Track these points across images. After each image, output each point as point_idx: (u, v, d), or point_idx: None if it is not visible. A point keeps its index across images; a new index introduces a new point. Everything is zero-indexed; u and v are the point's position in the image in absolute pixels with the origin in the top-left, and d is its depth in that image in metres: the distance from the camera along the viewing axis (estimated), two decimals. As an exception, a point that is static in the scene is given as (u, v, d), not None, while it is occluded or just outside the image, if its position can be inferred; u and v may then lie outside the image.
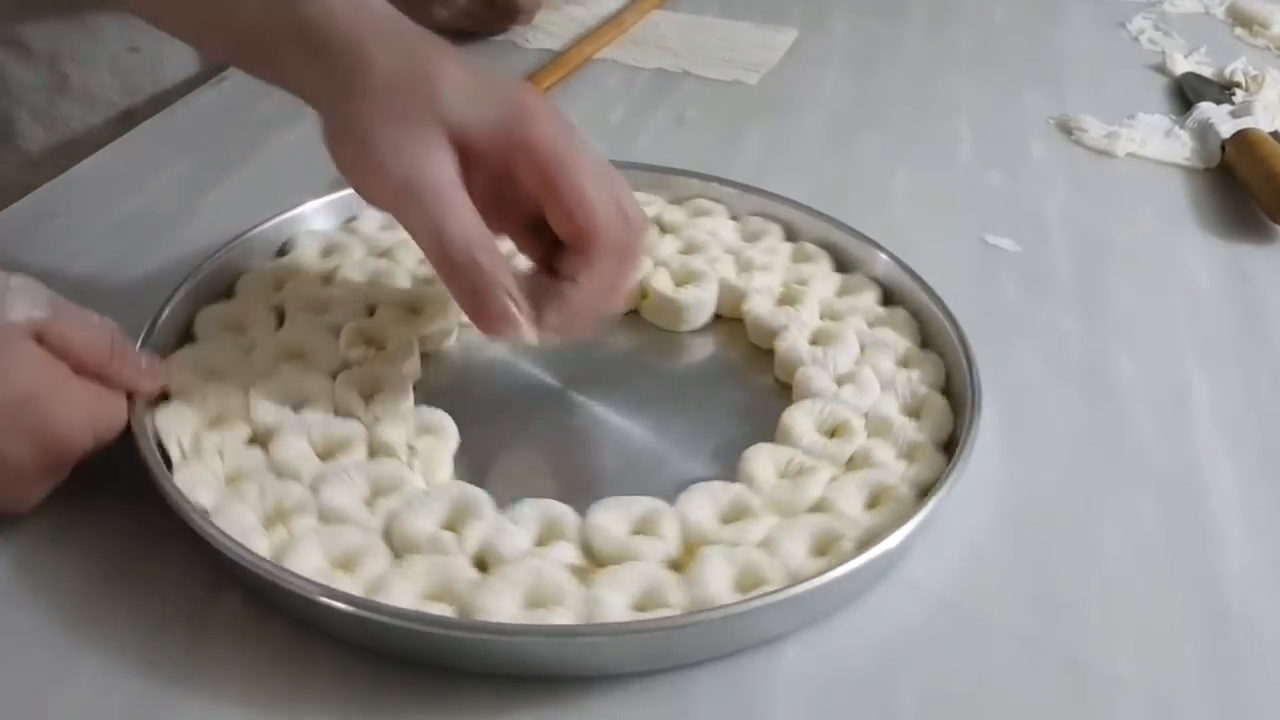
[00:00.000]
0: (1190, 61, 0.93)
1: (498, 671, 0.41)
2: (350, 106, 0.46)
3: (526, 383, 0.55)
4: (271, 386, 0.50)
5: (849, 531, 0.45)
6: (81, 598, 0.43)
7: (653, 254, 0.61)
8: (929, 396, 0.52)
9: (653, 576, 0.43)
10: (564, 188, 0.46)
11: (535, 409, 0.54)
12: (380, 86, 0.46)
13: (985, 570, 0.47)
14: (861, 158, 0.78)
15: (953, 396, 0.52)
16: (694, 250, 0.62)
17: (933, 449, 0.49)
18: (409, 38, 0.48)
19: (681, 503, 0.46)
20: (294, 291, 0.57)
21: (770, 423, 0.51)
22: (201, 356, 0.52)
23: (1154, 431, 0.54)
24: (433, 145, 0.45)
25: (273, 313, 0.56)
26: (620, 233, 0.47)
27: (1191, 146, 0.80)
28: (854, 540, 0.44)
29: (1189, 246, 0.70)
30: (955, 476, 0.46)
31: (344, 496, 0.46)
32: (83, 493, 0.47)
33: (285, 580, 0.41)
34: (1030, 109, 0.85)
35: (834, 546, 0.44)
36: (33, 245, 0.63)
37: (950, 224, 0.70)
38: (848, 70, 0.90)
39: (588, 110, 0.82)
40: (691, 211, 0.65)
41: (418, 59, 0.46)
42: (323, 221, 0.62)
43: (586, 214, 0.46)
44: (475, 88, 0.46)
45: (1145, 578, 0.47)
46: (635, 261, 0.49)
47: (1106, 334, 0.61)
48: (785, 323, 0.56)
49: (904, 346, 0.55)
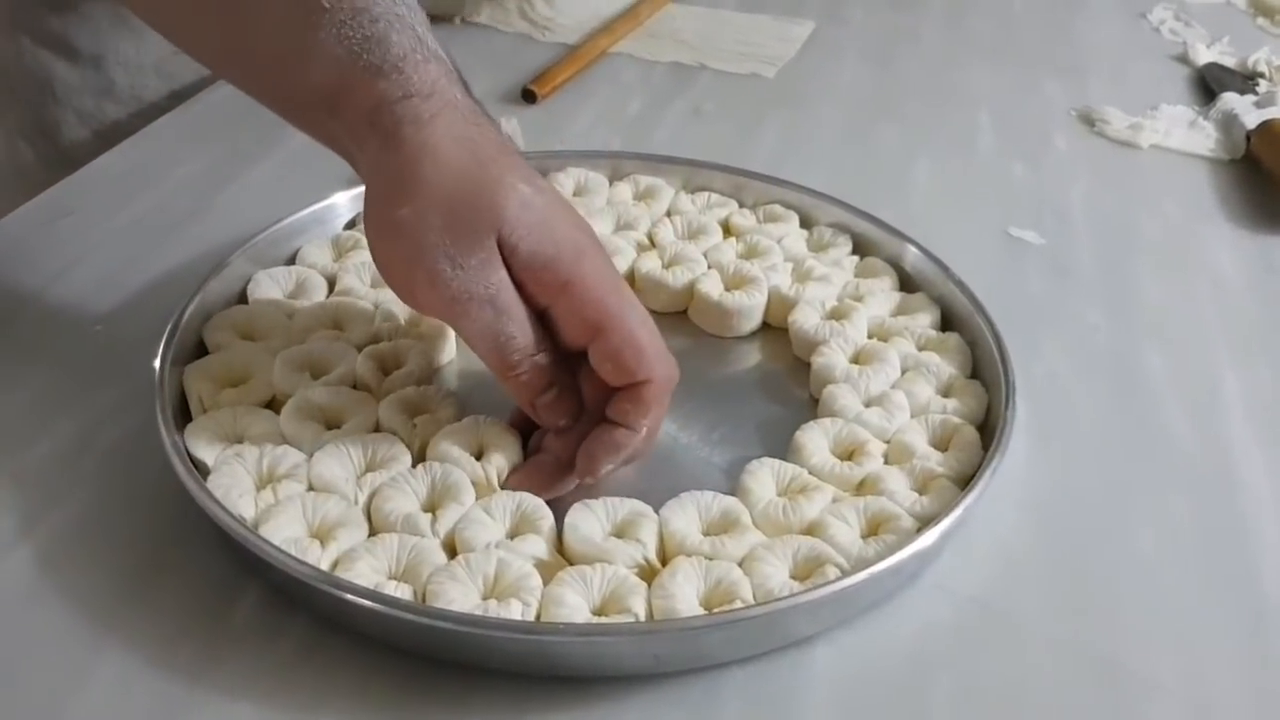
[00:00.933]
0: (1213, 52, 0.92)
1: (523, 670, 0.41)
2: (407, 204, 0.43)
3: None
4: (299, 352, 0.51)
5: (835, 558, 0.43)
6: (103, 595, 0.43)
7: (710, 257, 0.60)
8: (961, 429, 0.49)
9: (619, 580, 0.42)
10: (618, 334, 0.45)
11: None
12: (444, 190, 0.43)
13: (1016, 570, 0.46)
14: (881, 150, 0.77)
15: (988, 429, 0.50)
16: (754, 255, 0.60)
17: (949, 484, 0.47)
18: (484, 143, 0.45)
19: (667, 510, 0.45)
20: (346, 265, 0.58)
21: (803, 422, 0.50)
22: (241, 317, 0.54)
23: (1185, 427, 0.54)
24: (492, 261, 0.44)
25: (326, 282, 0.57)
26: (671, 381, 0.47)
27: (1216, 138, 0.79)
28: (839, 568, 0.43)
29: (1216, 238, 0.69)
30: (988, 478, 0.45)
31: (338, 468, 0.46)
32: (105, 490, 0.47)
33: (302, 573, 0.41)
34: (1051, 100, 0.84)
35: (818, 572, 0.43)
36: (49, 241, 0.63)
37: (973, 216, 0.69)
38: (865, 61, 0.89)
39: (604, 104, 0.81)
40: (763, 217, 0.64)
41: (489, 168, 0.44)
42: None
43: (644, 363, 0.45)
44: (541, 215, 0.44)
45: (1180, 576, 0.46)
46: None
47: (1134, 328, 0.60)
48: (826, 337, 0.54)
49: (949, 373, 0.53)
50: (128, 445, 0.49)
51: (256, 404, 0.49)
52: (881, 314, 0.57)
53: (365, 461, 0.47)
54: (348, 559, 0.42)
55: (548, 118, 0.78)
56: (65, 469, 0.48)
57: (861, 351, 0.54)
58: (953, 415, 0.50)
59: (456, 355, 0.55)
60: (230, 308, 0.55)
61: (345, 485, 0.45)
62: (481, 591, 0.42)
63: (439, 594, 0.41)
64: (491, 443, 0.48)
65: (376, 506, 0.45)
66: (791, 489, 0.47)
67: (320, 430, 0.48)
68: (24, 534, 0.45)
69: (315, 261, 0.58)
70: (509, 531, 0.45)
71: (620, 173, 0.66)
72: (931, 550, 0.44)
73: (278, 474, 0.46)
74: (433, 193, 0.43)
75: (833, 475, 0.48)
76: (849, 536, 0.44)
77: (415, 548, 0.43)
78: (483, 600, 0.41)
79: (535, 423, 0.48)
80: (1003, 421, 0.48)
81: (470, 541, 0.43)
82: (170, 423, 0.46)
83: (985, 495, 0.45)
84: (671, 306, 0.59)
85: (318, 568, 0.41)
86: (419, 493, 0.45)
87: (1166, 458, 0.52)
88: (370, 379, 0.51)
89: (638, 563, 0.43)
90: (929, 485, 0.47)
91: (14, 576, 0.44)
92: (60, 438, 0.50)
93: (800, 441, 0.49)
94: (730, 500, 0.46)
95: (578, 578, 0.42)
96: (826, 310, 0.56)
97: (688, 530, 0.45)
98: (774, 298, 0.58)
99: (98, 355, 0.54)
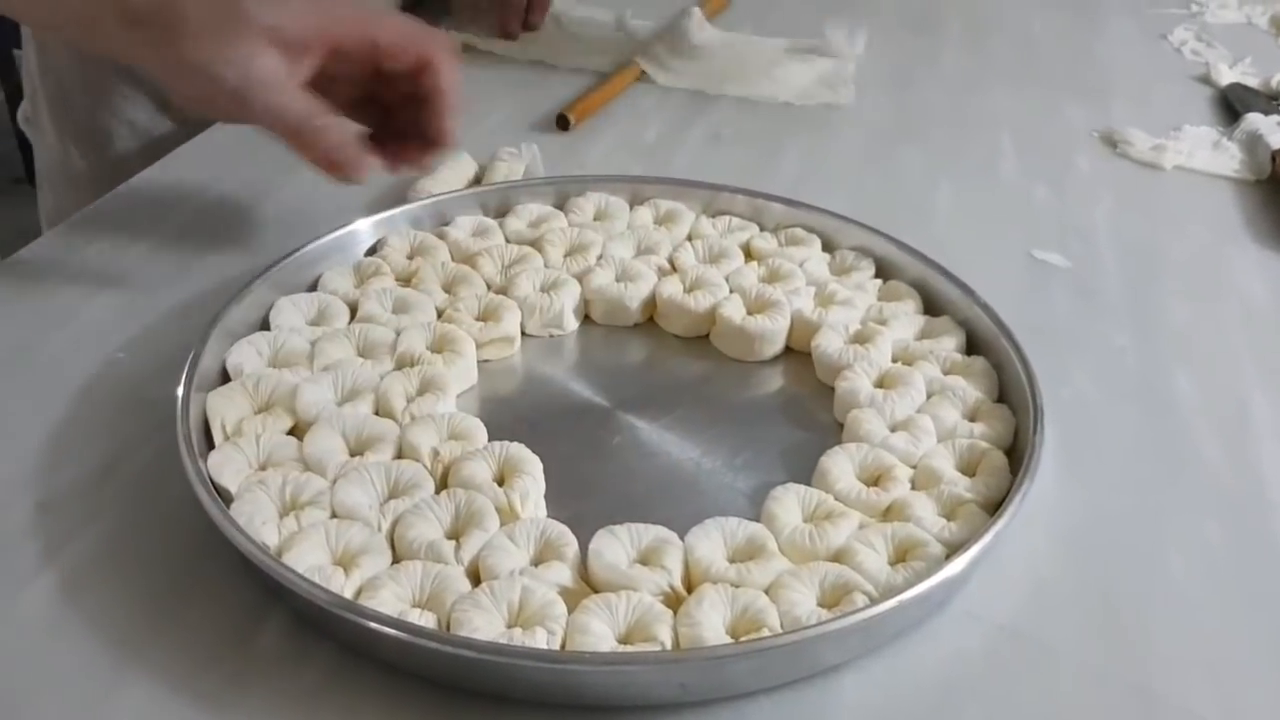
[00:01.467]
0: (1235, 72, 0.92)
1: (547, 700, 0.40)
2: (178, 51, 0.52)
3: (576, 400, 0.55)
4: (323, 379, 0.51)
5: (863, 585, 0.43)
6: (126, 622, 0.43)
7: (732, 281, 0.60)
8: (989, 454, 0.49)
9: (645, 608, 0.42)
10: (386, 41, 0.55)
11: (579, 426, 0.53)
12: (196, 22, 0.52)
13: (1045, 595, 0.45)
14: (903, 173, 0.77)
15: (1016, 453, 0.50)
16: (777, 279, 0.60)
17: (977, 509, 0.46)
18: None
19: (692, 536, 0.45)
20: (368, 291, 0.58)
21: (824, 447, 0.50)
22: (264, 344, 0.54)
23: (1215, 449, 0.53)
24: (255, 50, 0.52)
25: (348, 309, 0.57)
26: (445, 41, 0.57)
27: (1240, 158, 0.78)
28: (868, 596, 0.42)
29: (1242, 259, 0.68)
30: (1017, 503, 0.45)
31: (358, 494, 0.46)
32: (128, 516, 0.47)
33: (326, 601, 0.40)
34: (1073, 122, 0.84)
35: (845, 599, 0.42)
36: (71, 269, 0.63)
37: (996, 239, 0.69)
38: (886, 85, 0.89)
39: (624, 130, 0.81)
40: (785, 240, 0.63)
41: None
42: (412, 223, 0.63)
43: (419, 45, 0.56)
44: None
45: (1213, 602, 0.45)
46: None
47: (1162, 350, 0.60)
48: (850, 361, 0.54)
49: (975, 398, 0.52)
50: (150, 472, 0.49)
51: (279, 431, 0.49)
52: (906, 337, 0.56)
53: (388, 488, 0.47)
54: (371, 586, 0.42)
55: (568, 144, 0.78)
56: (88, 496, 0.48)
57: (886, 376, 0.53)
58: (980, 440, 0.50)
59: (478, 382, 0.55)
60: (253, 334, 0.55)
61: (368, 512, 0.45)
62: (506, 620, 0.41)
63: (463, 622, 0.40)
64: (515, 469, 0.47)
65: (400, 534, 0.44)
66: (817, 515, 0.47)
67: (344, 457, 0.48)
68: (48, 561, 0.45)
69: (337, 288, 0.58)
70: (533, 559, 0.44)
71: (641, 197, 0.66)
72: (960, 577, 0.43)
73: (300, 501, 0.45)
74: (190, 31, 0.52)
75: (859, 501, 0.47)
76: (877, 563, 0.44)
77: (439, 575, 0.43)
78: (507, 629, 0.41)
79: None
80: (1031, 446, 0.47)
81: (494, 569, 0.43)
82: (193, 450, 0.46)
83: (1014, 520, 0.45)
84: (694, 331, 0.59)
85: (341, 596, 0.41)
86: (442, 520, 0.45)
87: (1196, 481, 0.51)
88: (393, 405, 0.51)
89: (663, 590, 0.43)
90: (957, 511, 0.46)
91: (38, 604, 0.43)
92: (83, 464, 0.50)
93: (825, 467, 0.49)
94: (755, 526, 0.46)
95: (603, 606, 0.41)
96: (850, 334, 0.56)
97: (713, 557, 0.44)
98: (797, 321, 0.57)
99: (120, 382, 0.55)
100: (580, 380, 0.56)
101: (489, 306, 0.57)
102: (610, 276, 0.60)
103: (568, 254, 0.62)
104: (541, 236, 0.62)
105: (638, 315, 0.59)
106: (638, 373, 0.57)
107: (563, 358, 0.58)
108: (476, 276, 0.59)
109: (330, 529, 0.44)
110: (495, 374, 0.56)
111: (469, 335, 0.55)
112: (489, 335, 0.56)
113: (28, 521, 0.47)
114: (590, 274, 0.59)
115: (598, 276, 0.59)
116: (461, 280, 0.59)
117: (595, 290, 0.59)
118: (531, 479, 0.47)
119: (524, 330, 0.58)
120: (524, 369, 0.57)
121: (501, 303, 0.57)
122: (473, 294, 0.58)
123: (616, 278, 0.60)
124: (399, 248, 0.61)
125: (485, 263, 0.60)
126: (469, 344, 0.55)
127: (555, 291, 0.59)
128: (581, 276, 0.60)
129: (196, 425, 0.49)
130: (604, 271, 0.60)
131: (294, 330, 0.55)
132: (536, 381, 0.56)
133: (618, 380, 0.56)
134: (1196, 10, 1.06)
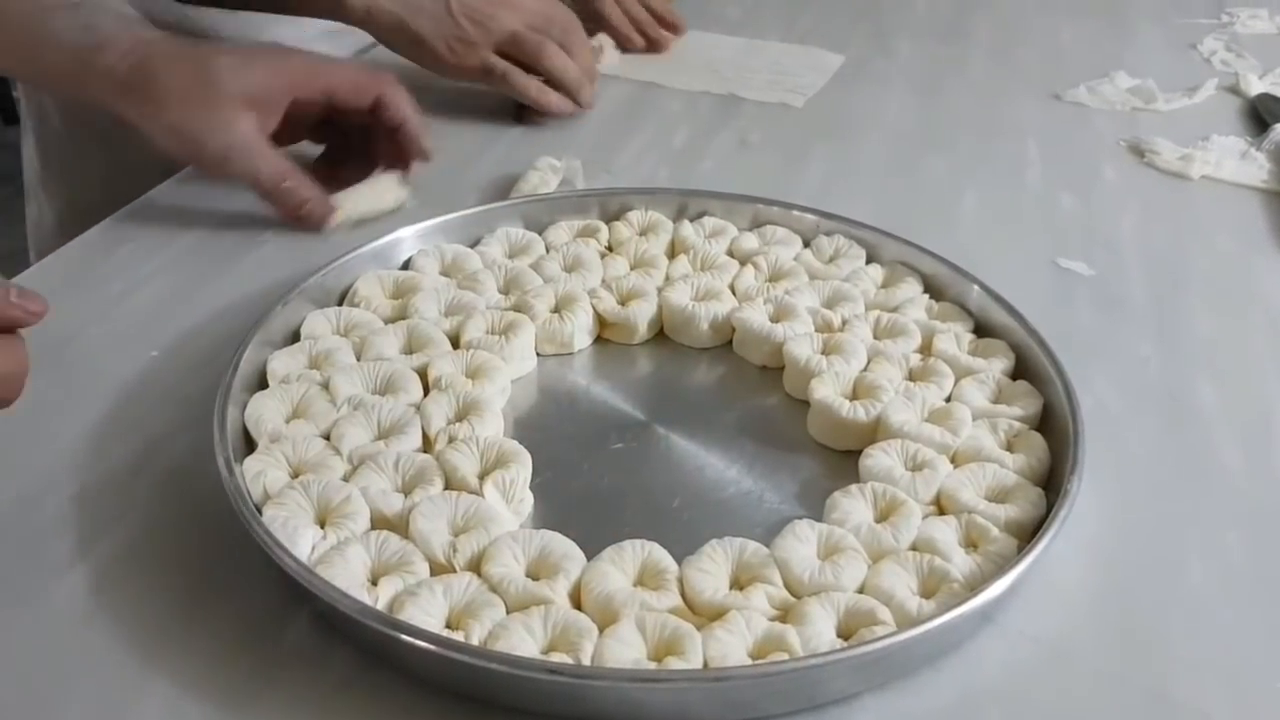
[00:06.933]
0: (1265, 83, 0.91)
1: (568, 715, 0.41)
2: (162, 118, 0.61)
3: (611, 413, 0.55)
4: (358, 417, 0.50)
5: (952, 573, 0.43)
6: (155, 618, 0.44)
7: (741, 287, 0.60)
8: (1020, 485, 0.48)
9: (761, 627, 0.42)
10: (340, 88, 0.66)
11: (620, 441, 0.53)
12: (177, 92, 0.61)
13: (1065, 604, 0.46)
14: (928, 180, 0.77)
15: (1046, 433, 0.51)
16: (779, 278, 0.61)
17: (1028, 487, 0.48)
18: (183, 46, 0.63)
19: (777, 549, 0.45)
20: (408, 306, 0.58)
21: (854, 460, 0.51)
22: (304, 352, 0.54)
23: (1239, 460, 0.53)
24: (233, 116, 0.62)
25: (380, 320, 0.57)
26: (391, 79, 0.67)
27: (1269, 168, 0.78)
28: (960, 582, 0.43)
29: (1268, 270, 0.68)
30: (1056, 528, 0.45)
31: (425, 524, 0.45)
32: (159, 514, 0.48)
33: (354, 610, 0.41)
34: (1100, 131, 0.84)
35: (866, 629, 0.42)
36: (107, 268, 0.64)
37: (1022, 247, 0.69)
38: (911, 92, 0.89)
39: (650, 135, 0.81)
40: (766, 239, 0.64)
41: (195, 58, 0.62)
42: (447, 238, 0.63)
43: (371, 88, 0.66)
44: (245, 61, 0.63)
45: (1234, 611, 0.45)
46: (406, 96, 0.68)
47: (1186, 359, 0.59)
48: (902, 418, 0.52)
49: (997, 377, 0.54)
50: (182, 470, 0.50)
51: (317, 436, 0.50)
52: (921, 318, 0.58)
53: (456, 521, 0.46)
54: (401, 599, 0.42)
55: (596, 151, 0.78)
56: (121, 492, 0.49)
57: (934, 413, 0.53)
58: (1013, 470, 0.49)
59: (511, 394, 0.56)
60: (296, 343, 0.55)
61: (438, 546, 0.45)
62: (542, 645, 0.41)
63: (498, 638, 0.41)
64: (551, 563, 0.45)
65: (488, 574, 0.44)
66: (882, 511, 0.47)
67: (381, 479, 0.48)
68: (81, 555, 0.46)
69: (369, 297, 0.59)
70: (635, 581, 0.45)
71: (685, 209, 0.66)
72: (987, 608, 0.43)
73: (333, 507, 0.46)
74: (172, 97, 0.61)
75: (912, 491, 0.48)
76: (956, 552, 0.45)
77: (470, 588, 0.43)
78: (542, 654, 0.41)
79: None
80: (1066, 487, 0.46)
81: (515, 650, 0.42)
82: (229, 453, 0.47)
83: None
84: (771, 361, 0.58)
85: (374, 607, 0.41)
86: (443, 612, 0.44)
87: (1220, 491, 0.51)
88: (432, 436, 0.51)
89: (772, 609, 0.43)
90: (983, 540, 0.46)
91: (71, 597, 0.44)
92: (116, 461, 0.51)
93: (869, 465, 0.49)
94: (829, 528, 0.46)
95: (630, 626, 0.42)
96: (908, 368, 0.55)
97: (805, 565, 0.44)
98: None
99: (153, 381, 0.55)
100: (609, 392, 0.56)
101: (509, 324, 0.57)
102: (687, 295, 0.60)
103: (634, 267, 0.62)
104: (612, 250, 0.64)
105: (708, 338, 0.59)
106: (666, 384, 0.58)
107: (577, 373, 0.58)
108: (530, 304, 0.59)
109: (368, 540, 0.44)
110: (520, 390, 0.56)
111: (499, 357, 0.55)
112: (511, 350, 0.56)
113: (62, 516, 0.48)
114: (671, 288, 0.60)
115: (677, 293, 0.59)
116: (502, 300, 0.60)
117: (674, 308, 0.59)
118: (568, 571, 0.45)
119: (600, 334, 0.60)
120: (548, 385, 0.57)
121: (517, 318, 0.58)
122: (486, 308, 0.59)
123: (693, 296, 0.60)
124: (432, 266, 0.61)
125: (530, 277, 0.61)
126: (500, 364, 0.55)
127: (635, 302, 0.59)
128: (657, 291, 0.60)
129: (234, 429, 0.49)
130: (683, 288, 0.60)
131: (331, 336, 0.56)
132: (562, 396, 0.57)
133: (654, 393, 0.57)
134: (1227, 20, 1.05)
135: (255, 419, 0.50)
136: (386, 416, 0.51)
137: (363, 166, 0.69)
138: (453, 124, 0.81)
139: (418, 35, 0.78)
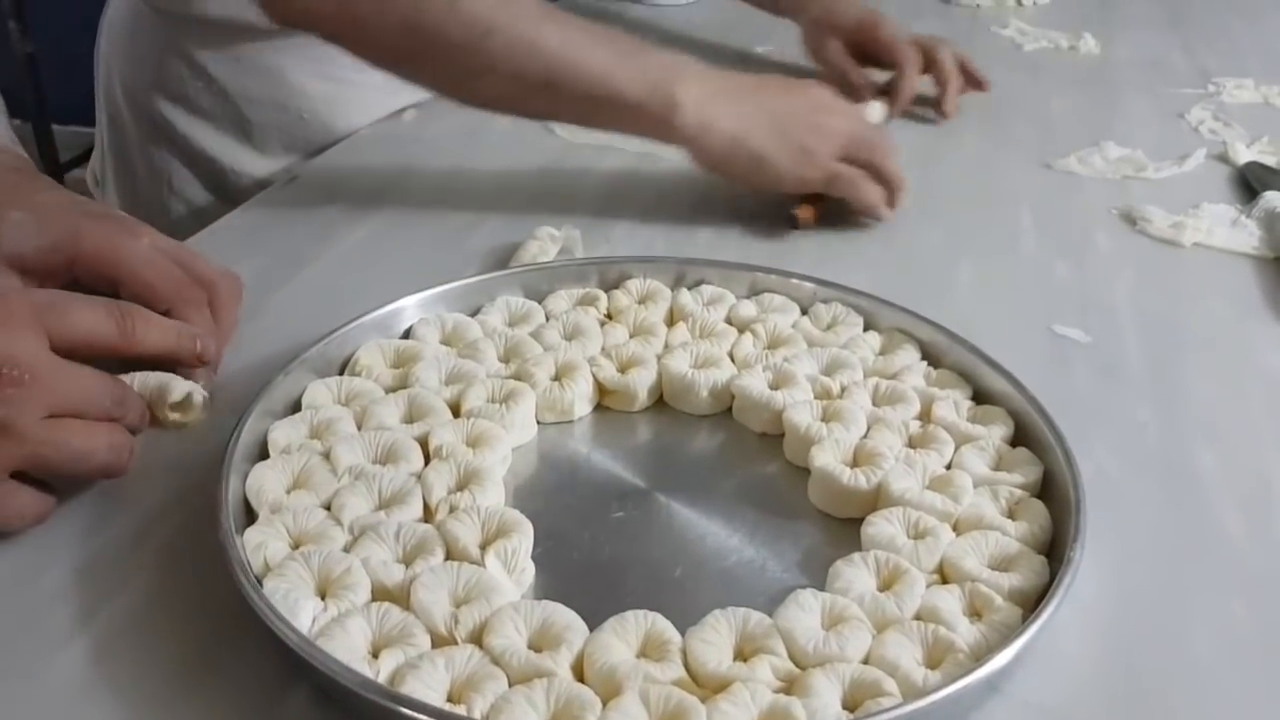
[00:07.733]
0: (1253, 151, 0.93)
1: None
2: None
3: (612, 481, 0.55)
4: (359, 487, 0.50)
5: (957, 642, 0.43)
6: (156, 690, 0.43)
7: (740, 354, 0.61)
8: (1023, 553, 0.48)
9: (766, 699, 0.41)
10: (130, 281, 0.57)
11: (621, 510, 0.53)
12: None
13: (1068, 672, 0.45)
14: (923, 249, 0.78)
15: (1047, 500, 0.51)
16: (778, 345, 0.61)
17: (1031, 555, 0.48)
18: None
19: (780, 619, 0.45)
20: (409, 374, 0.58)
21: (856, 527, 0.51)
22: (306, 421, 0.54)
23: (1240, 527, 0.53)
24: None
25: (381, 390, 0.57)
26: (189, 288, 0.58)
27: (1259, 235, 0.79)
28: (966, 652, 0.43)
29: (1263, 336, 0.68)
30: (1060, 596, 0.44)
31: (427, 598, 0.45)
32: (161, 584, 0.48)
33: (355, 684, 0.41)
34: (1092, 199, 0.85)
35: (871, 701, 0.41)
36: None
37: (1017, 314, 0.69)
38: (905, 162, 0.90)
39: (648, 204, 0.82)
40: (764, 307, 0.65)
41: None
42: (447, 307, 0.64)
43: (155, 296, 0.57)
44: (32, 223, 0.56)
45: (1238, 679, 0.45)
46: (232, 303, 0.61)
47: (1184, 425, 0.60)
48: (902, 484, 0.52)
49: (997, 444, 0.54)
50: (183, 541, 0.50)
51: (318, 507, 0.50)
52: (919, 385, 0.58)
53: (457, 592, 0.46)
54: (402, 671, 0.42)
55: (592, 222, 0.79)
56: (122, 564, 0.49)
57: (935, 480, 0.53)
58: (1015, 538, 0.49)
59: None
60: (298, 413, 0.55)
61: (439, 617, 0.45)
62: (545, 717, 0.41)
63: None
64: (553, 634, 0.44)
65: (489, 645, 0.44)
66: (886, 579, 0.47)
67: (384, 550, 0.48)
68: (82, 627, 0.46)
69: (370, 366, 0.59)
70: (638, 652, 0.44)
71: (683, 278, 0.67)
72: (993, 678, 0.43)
73: (334, 578, 0.46)
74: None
75: (915, 560, 0.48)
76: (960, 621, 0.45)
77: (472, 660, 0.43)
78: None
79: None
80: (1069, 555, 0.46)
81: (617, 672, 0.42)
82: (230, 524, 0.47)
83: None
84: (771, 428, 0.58)
85: (375, 680, 0.41)
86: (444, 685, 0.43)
87: (1221, 558, 0.51)
88: (433, 505, 0.50)
89: (776, 681, 0.43)
90: (987, 610, 0.46)
91: (70, 669, 0.44)
92: (117, 532, 0.51)
93: (870, 533, 0.49)
94: (833, 598, 0.46)
95: (634, 699, 0.41)
96: (908, 435, 0.56)
97: (809, 635, 0.44)
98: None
99: (154, 449, 0.55)
100: (610, 460, 0.56)
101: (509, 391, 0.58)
102: (686, 363, 0.60)
103: (633, 335, 0.63)
104: (610, 317, 0.64)
105: (708, 405, 0.60)
106: (666, 451, 0.58)
107: (578, 441, 0.58)
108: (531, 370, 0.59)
109: (369, 611, 0.44)
110: (521, 458, 0.56)
111: (500, 425, 0.55)
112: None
113: (64, 586, 0.48)
114: (670, 355, 0.60)
115: (677, 361, 0.60)
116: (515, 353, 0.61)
117: (674, 375, 0.59)
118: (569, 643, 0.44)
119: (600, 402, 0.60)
120: (547, 453, 0.57)
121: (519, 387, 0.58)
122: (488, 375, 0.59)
123: (692, 364, 0.60)
124: (432, 335, 0.62)
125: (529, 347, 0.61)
126: (500, 431, 0.55)
127: (634, 370, 0.60)
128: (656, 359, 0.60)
129: (234, 498, 0.49)
130: (682, 356, 0.60)
131: (332, 406, 0.56)
132: (563, 464, 0.57)
133: (651, 460, 0.57)
134: (1213, 90, 1.07)
135: (256, 490, 0.50)
136: (387, 486, 0.51)
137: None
138: (452, 193, 0.82)
139: (758, 151, 0.75)
